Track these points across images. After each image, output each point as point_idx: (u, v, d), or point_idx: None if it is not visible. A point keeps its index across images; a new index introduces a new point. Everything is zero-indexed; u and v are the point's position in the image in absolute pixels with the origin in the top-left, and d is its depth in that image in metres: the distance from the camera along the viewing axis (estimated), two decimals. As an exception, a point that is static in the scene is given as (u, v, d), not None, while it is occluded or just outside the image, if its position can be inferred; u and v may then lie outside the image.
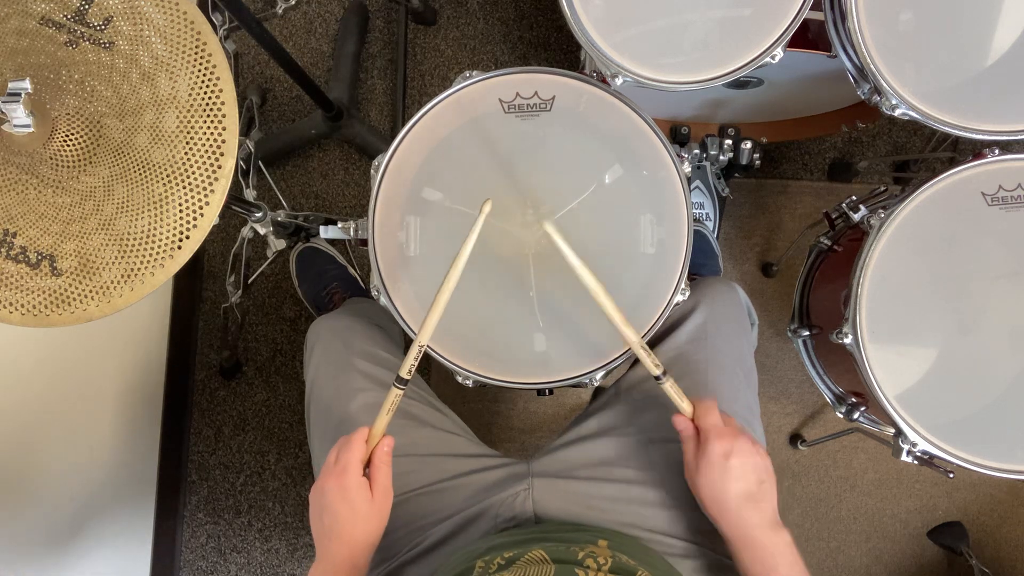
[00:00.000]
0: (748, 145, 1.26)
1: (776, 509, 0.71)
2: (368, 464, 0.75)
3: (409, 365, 0.74)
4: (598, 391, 1.06)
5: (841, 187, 1.63)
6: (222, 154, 0.77)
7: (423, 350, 0.76)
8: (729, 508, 0.71)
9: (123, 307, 0.76)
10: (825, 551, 1.64)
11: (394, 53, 1.66)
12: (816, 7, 0.90)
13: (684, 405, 0.76)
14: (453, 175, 0.90)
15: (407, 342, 1.29)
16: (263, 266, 1.63)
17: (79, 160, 0.76)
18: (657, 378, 0.76)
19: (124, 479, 1.48)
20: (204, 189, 0.76)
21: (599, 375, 0.88)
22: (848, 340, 0.92)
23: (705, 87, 0.90)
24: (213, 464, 1.66)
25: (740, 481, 0.70)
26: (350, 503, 0.71)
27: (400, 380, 0.75)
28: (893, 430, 0.93)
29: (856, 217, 0.99)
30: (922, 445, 0.90)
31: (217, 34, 1.06)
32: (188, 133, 0.76)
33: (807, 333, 1.17)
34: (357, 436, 0.74)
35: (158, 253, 0.76)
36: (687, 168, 0.89)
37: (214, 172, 0.77)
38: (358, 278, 1.59)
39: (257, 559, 1.65)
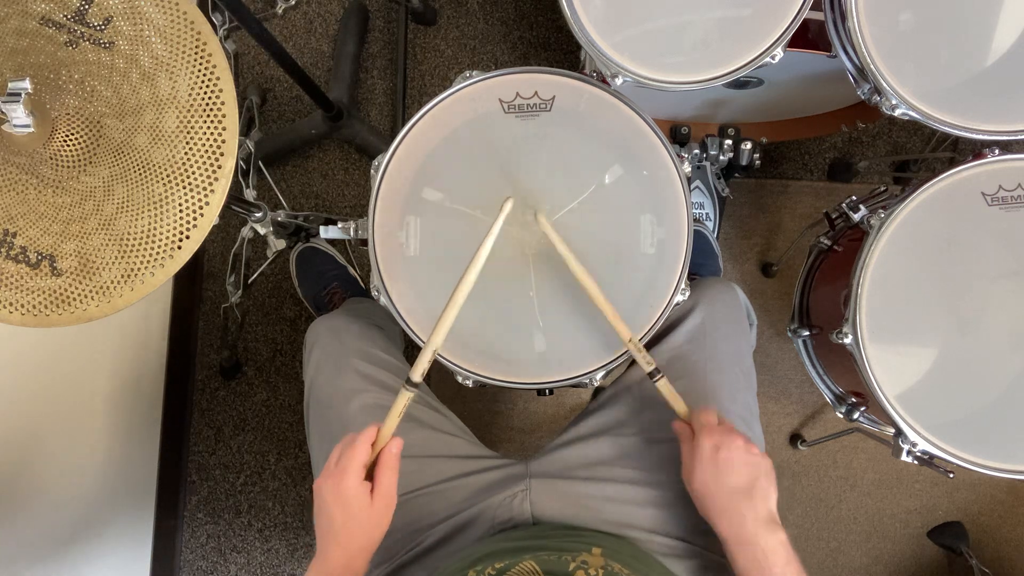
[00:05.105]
0: (748, 145, 1.25)
1: (774, 509, 0.70)
2: (374, 465, 0.72)
3: (422, 369, 0.72)
4: (598, 391, 1.06)
5: (841, 187, 1.63)
6: (222, 154, 0.77)
7: (435, 354, 0.74)
8: (721, 503, 0.70)
9: (123, 307, 0.76)
10: (825, 551, 1.64)
11: (394, 53, 1.66)
12: (816, 7, 0.90)
13: (678, 406, 0.76)
14: (453, 175, 0.90)
15: (407, 342, 1.29)
16: (263, 266, 1.63)
17: (79, 160, 0.76)
18: (651, 375, 0.76)
19: (124, 479, 1.49)
20: (204, 189, 0.76)
21: (599, 375, 0.88)
22: (848, 340, 0.91)
23: (705, 87, 0.90)
24: (213, 464, 1.66)
25: (731, 476, 0.70)
26: (346, 509, 0.69)
27: (411, 382, 0.73)
28: (893, 430, 0.93)
29: (856, 217, 0.99)
30: (922, 445, 0.90)
31: (217, 34, 1.06)
32: (188, 133, 0.76)
33: (807, 333, 1.17)
34: (362, 438, 0.71)
35: (158, 253, 0.76)
36: (687, 168, 0.89)
37: (214, 172, 0.77)
38: (358, 278, 1.59)
39: (257, 559, 1.65)
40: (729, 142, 1.25)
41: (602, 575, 0.66)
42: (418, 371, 0.73)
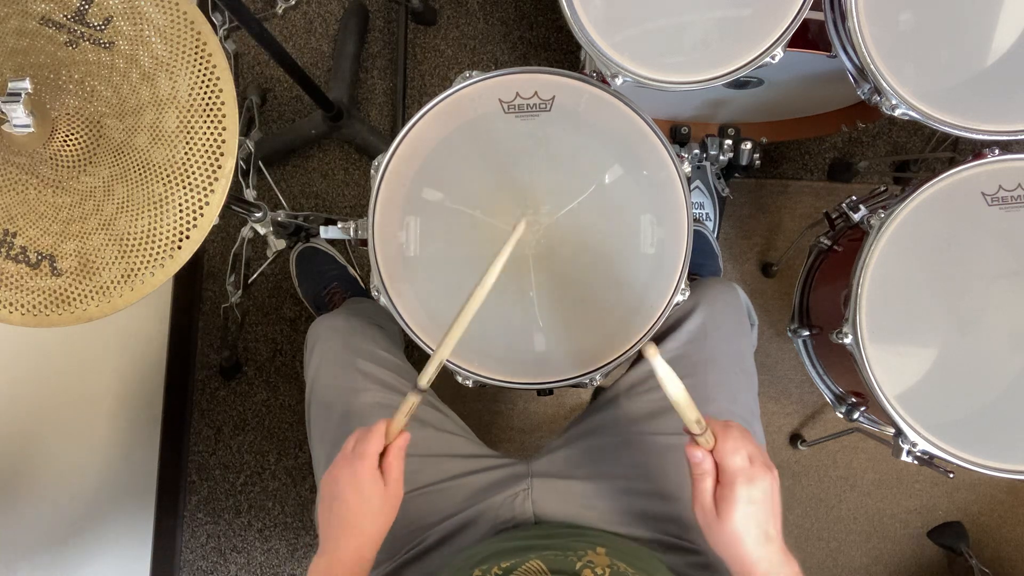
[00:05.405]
0: (748, 145, 1.26)
1: (782, 536, 0.67)
2: (382, 456, 0.72)
3: (429, 376, 0.72)
4: (598, 391, 1.06)
5: (841, 187, 1.63)
6: (222, 154, 0.77)
7: (442, 363, 0.73)
8: (747, 552, 0.65)
9: (123, 307, 0.76)
10: (825, 551, 1.64)
11: (394, 53, 1.66)
12: (816, 7, 0.90)
13: (707, 442, 0.68)
14: (453, 175, 0.90)
15: (408, 341, 1.29)
16: (263, 266, 1.63)
17: (79, 160, 0.76)
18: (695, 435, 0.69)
19: (124, 479, 1.48)
20: (204, 189, 0.76)
21: (599, 375, 0.88)
22: (848, 340, 0.91)
23: (705, 87, 0.90)
24: (213, 464, 1.66)
25: (760, 523, 0.65)
26: (362, 493, 0.70)
27: (418, 388, 0.72)
28: (893, 430, 0.93)
29: (856, 217, 0.99)
30: (922, 445, 0.90)
31: (217, 34, 1.06)
32: (188, 133, 0.76)
33: (807, 333, 1.17)
34: (377, 427, 0.72)
35: (158, 253, 0.76)
36: (687, 168, 0.89)
37: (214, 172, 0.77)
38: (358, 278, 1.59)
39: (257, 559, 1.65)
40: (729, 142, 1.25)
41: (608, 573, 0.66)
42: (425, 378, 0.72)
